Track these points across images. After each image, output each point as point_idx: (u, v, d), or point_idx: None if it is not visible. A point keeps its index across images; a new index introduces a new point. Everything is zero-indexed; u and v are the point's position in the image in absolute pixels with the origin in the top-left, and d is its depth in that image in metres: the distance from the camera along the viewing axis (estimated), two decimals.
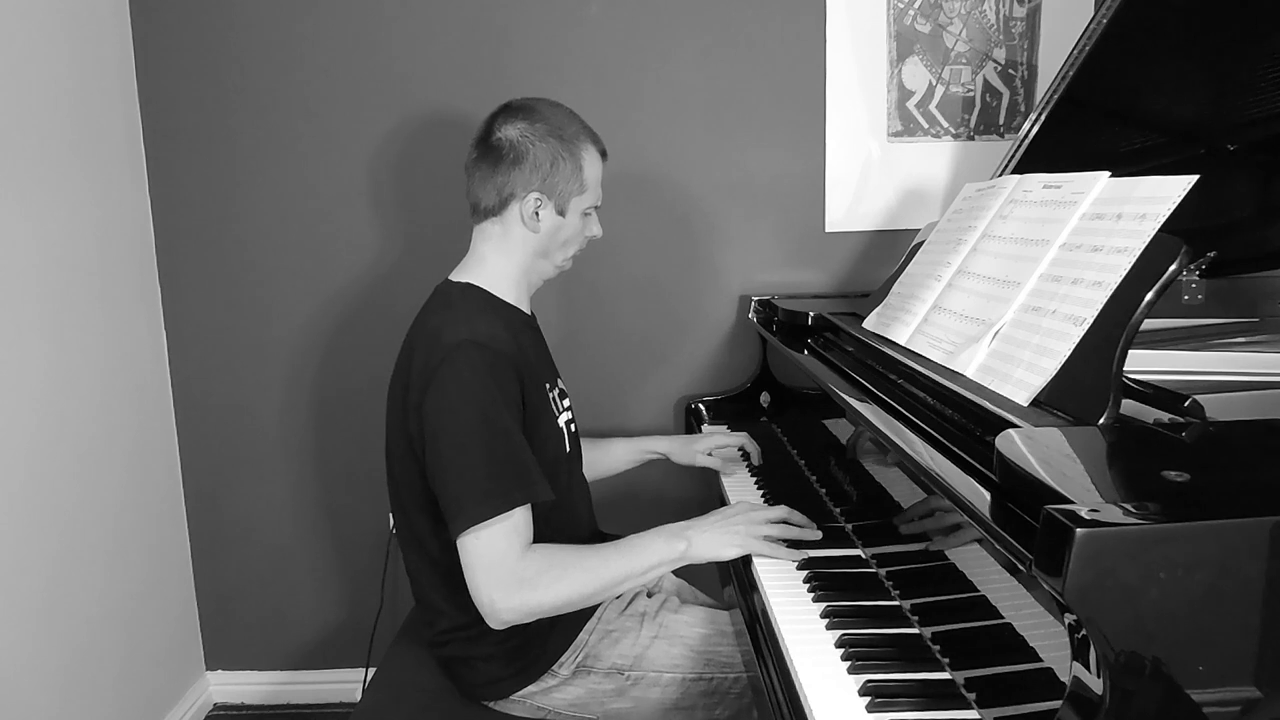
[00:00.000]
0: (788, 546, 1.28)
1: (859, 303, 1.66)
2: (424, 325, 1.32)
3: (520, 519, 1.21)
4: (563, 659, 1.36)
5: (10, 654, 1.58)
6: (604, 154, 1.40)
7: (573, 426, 1.46)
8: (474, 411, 1.20)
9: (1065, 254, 1.08)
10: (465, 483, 1.19)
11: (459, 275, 1.39)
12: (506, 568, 1.19)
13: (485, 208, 1.35)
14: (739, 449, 1.72)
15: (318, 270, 2.06)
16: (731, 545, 1.27)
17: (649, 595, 1.51)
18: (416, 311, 1.38)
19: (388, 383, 1.37)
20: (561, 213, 1.36)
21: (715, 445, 1.72)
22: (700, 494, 2.02)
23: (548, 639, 1.35)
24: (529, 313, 1.44)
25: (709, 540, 1.27)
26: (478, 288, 1.36)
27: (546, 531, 1.27)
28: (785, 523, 1.30)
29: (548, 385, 1.39)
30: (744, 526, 1.28)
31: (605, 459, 1.73)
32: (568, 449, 1.41)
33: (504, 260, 1.37)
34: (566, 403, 1.46)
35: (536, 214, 1.33)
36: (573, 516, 1.43)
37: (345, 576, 2.21)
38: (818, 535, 1.31)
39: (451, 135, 1.96)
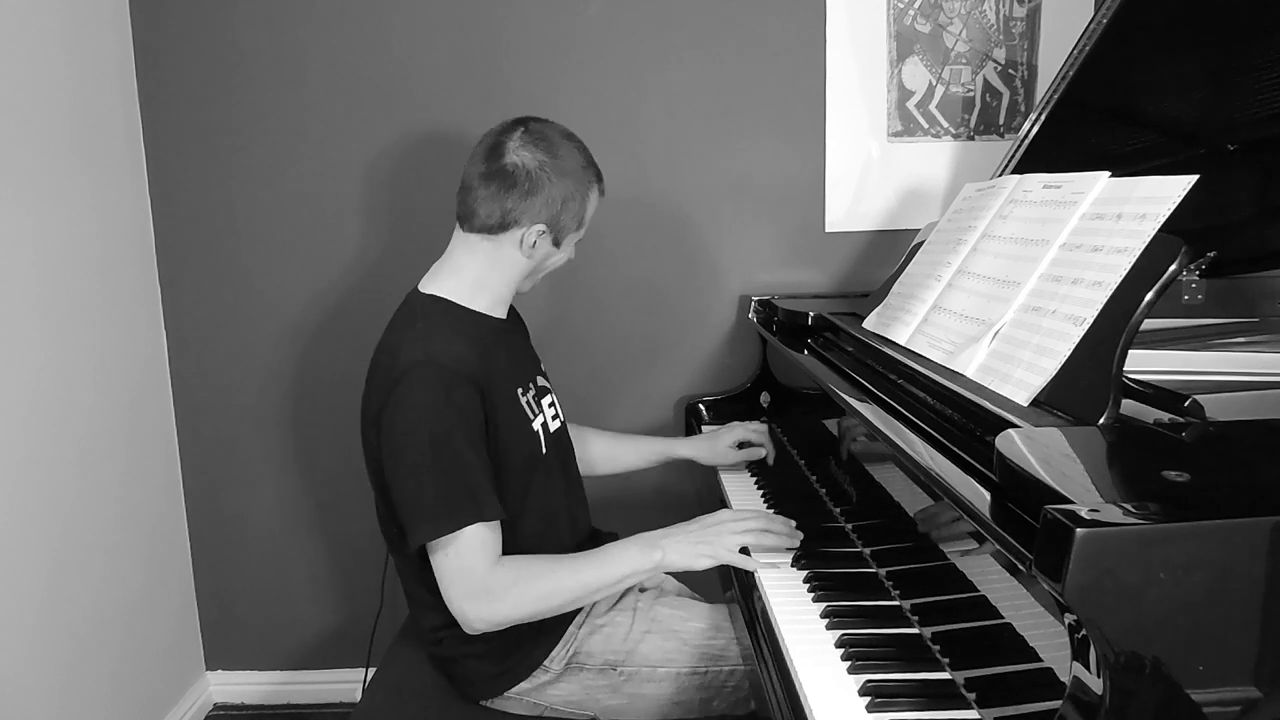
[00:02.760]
0: (784, 551, 1.28)
1: (859, 303, 1.66)
2: (388, 340, 1.33)
3: (485, 534, 1.22)
4: (552, 654, 1.37)
5: (10, 654, 1.58)
6: (603, 193, 1.40)
7: (554, 424, 1.44)
8: (425, 433, 1.22)
9: (1065, 254, 1.08)
10: (415, 503, 1.22)
11: (428, 284, 1.36)
12: (476, 580, 1.21)
13: (482, 224, 1.32)
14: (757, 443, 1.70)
15: (318, 270, 2.06)
16: (704, 556, 1.27)
17: (641, 590, 1.51)
18: None
19: None
20: (557, 244, 1.36)
21: (739, 439, 1.69)
22: (702, 488, 2.01)
23: (536, 636, 1.35)
24: (502, 316, 1.40)
25: (683, 551, 1.27)
26: (444, 300, 1.34)
27: (525, 531, 1.28)
28: (767, 531, 1.30)
29: (520, 390, 1.37)
30: (717, 538, 1.28)
31: (621, 453, 1.73)
32: (544, 450, 1.39)
33: (485, 274, 1.35)
34: (548, 400, 1.45)
35: (535, 244, 1.33)
36: (553, 518, 1.42)
37: (345, 576, 2.20)
38: (797, 539, 1.31)
39: (451, 135, 1.96)
